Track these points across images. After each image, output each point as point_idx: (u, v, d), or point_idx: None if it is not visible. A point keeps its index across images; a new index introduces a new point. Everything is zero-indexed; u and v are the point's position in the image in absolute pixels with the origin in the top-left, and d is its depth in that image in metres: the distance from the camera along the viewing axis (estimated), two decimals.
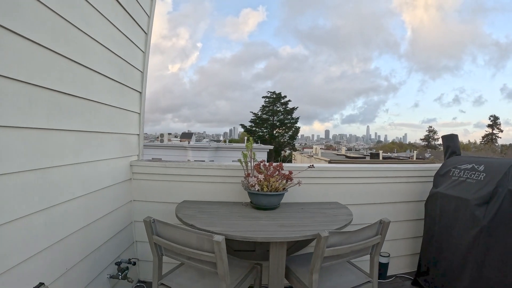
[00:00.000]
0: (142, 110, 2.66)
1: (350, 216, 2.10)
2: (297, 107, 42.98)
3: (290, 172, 2.28)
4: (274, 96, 42.71)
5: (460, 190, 2.29)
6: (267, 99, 42.90)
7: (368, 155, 33.75)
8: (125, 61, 2.31)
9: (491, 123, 55.77)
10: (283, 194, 2.24)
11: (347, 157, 30.84)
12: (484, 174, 2.20)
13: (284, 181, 2.24)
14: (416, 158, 31.99)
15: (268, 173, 2.25)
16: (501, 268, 2.00)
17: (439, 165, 3.02)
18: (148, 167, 2.52)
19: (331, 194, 2.64)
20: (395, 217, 2.79)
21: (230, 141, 40.76)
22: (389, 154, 39.33)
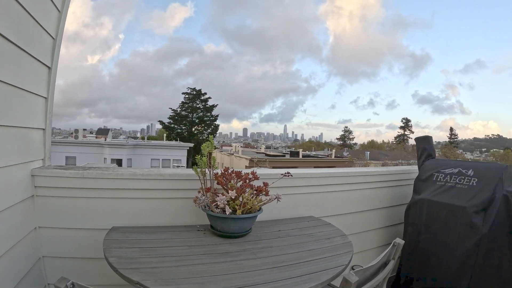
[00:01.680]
0: (51, 94, 1.81)
1: (345, 237, 1.71)
2: (217, 105, 42.49)
3: (266, 184, 1.76)
4: (194, 92, 41.46)
5: (451, 197, 2.15)
6: (187, 96, 41.42)
7: (287, 153, 34.96)
8: (31, 15, 1.49)
9: (403, 125, 63.53)
10: (257, 215, 1.69)
11: (267, 155, 31.47)
12: (476, 179, 2.11)
13: (258, 196, 1.72)
14: (335, 157, 34.35)
15: (230, 184, 1.71)
16: (498, 271, 1.97)
17: (410, 168, 2.91)
18: (58, 178, 1.70)
19: (302, 205, 2.22)
20: (367, 227, 2.57)
21: (149, 138, 38.19)
22: (307, 152, 41.39)
